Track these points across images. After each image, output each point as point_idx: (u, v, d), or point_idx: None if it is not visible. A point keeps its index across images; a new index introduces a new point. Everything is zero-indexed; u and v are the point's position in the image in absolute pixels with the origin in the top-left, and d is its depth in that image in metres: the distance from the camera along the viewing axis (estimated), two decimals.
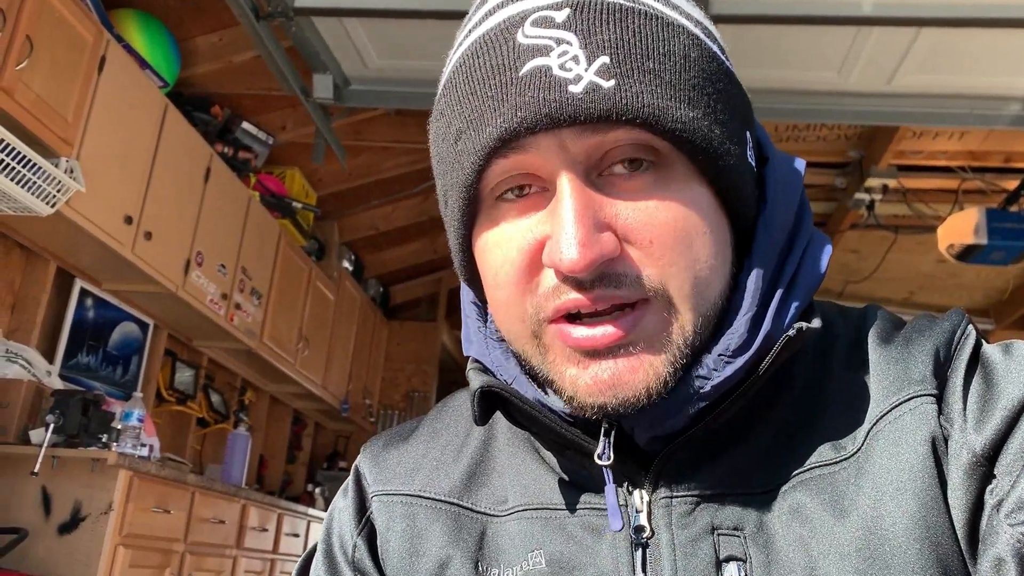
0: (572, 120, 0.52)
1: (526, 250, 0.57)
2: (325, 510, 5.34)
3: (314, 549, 0.73)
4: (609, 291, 0.54)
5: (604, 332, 0.54)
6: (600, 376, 0.55)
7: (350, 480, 0.73)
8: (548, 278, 0.56)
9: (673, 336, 0.55)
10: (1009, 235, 4.35)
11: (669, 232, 0.55)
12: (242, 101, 4.35)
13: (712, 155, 0.56)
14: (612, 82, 0.52)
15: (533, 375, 0.62)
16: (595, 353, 0.55)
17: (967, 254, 4.49)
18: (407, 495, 0.68)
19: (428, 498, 0.67)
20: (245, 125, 4.42)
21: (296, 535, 4.76)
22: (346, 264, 5.98)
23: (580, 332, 0.55)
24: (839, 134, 4.39)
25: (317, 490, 5.89)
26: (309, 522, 4.97)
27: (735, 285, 0.59)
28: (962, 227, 4.42)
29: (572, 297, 0.54)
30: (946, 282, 5.98)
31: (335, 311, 5.73)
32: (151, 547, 3.28)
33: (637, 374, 0.55)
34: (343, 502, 0.72)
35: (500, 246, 0.58)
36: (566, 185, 0.54)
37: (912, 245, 5.28)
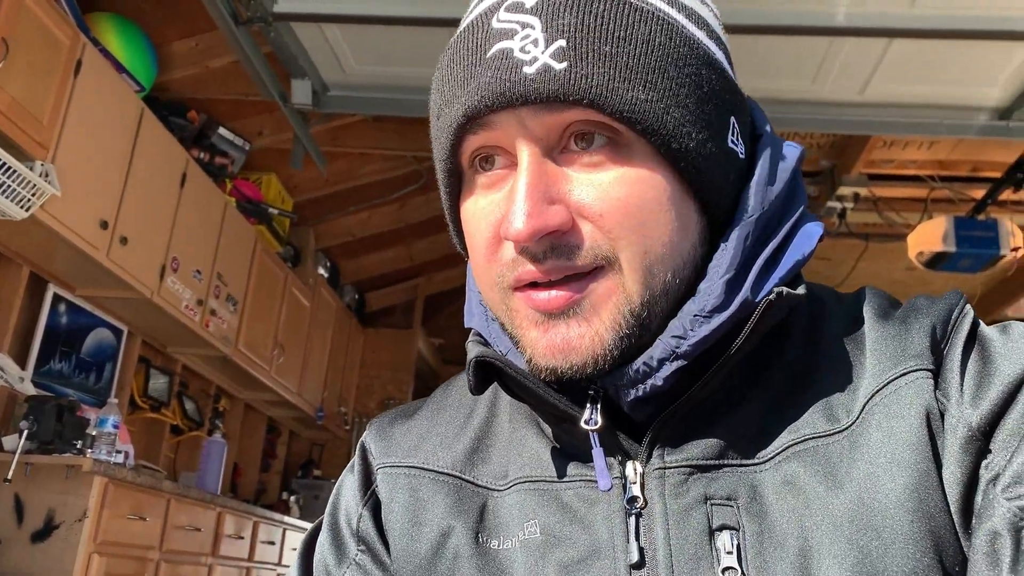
0: (524, 100, 0.56)
1: (492, 223, 0.60)
2: (300, 518, 5.32)
3: (318, 526, 0.74)
4: (561, 262, 0.57)
5: (553, 295, 0.58)
6: (553, 340, 0.58)
7: (356, 456, 0.74)
8: (508, 250, 0.59)
9: (619, 304, 0.57)
10: (977, 243, 4.44)
11: (620, 207, 0.57)
12: (219, 106, 4.33)
13: (665, 137, 0.57)
14: (564, 64, 0.55)
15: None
16: (551, 316, 0.58)
17: (936, 262, 4.58)
18: (410, 467, 0.69)
19: (431, 470, 0.68)
20: (222, 130, 4.40)
21: (272, 543, 4.72)
22: (322, 271, 5.95)
23: (538, 295, 0.58)
24: (811, 143, 4.46)
25: (292, 498, 5.85)
26: (285, 530, 4.93)
27: (709, 259, 0.60)
28: (931, 235, 4.50)
29: (528, 269, 0.58)
30: (916, 289, 6.07)
31: (311, 318, 5.70)
32: (126, 555, 3.24)
33: (584, 340, 0.57)
34: (349, 477, 0.74)
35: (475, 217, 0.62)
36: (524, 160, 0.58)
37: (883, 253, 5.36)
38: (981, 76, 3.10)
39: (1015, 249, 4.44)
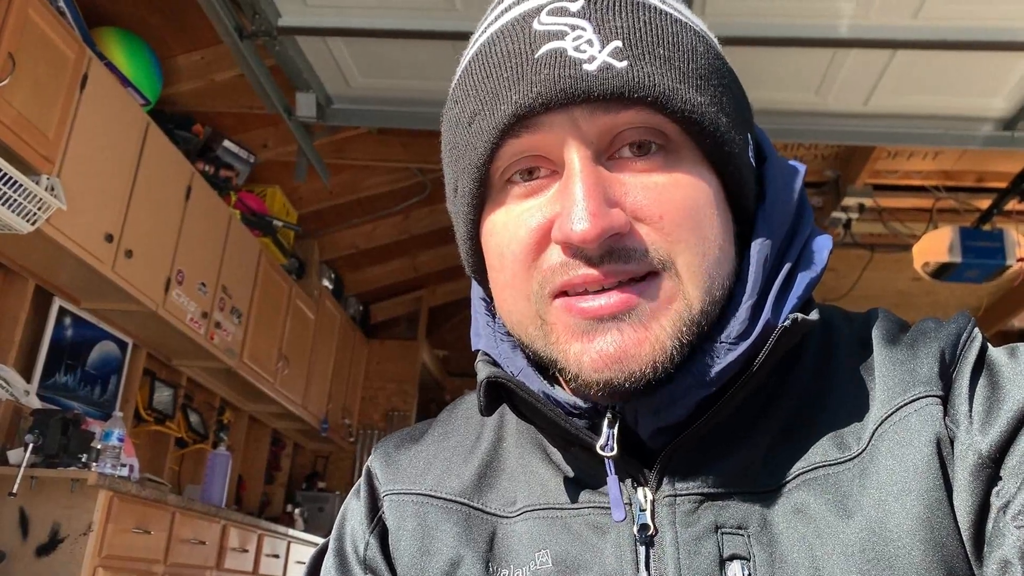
0: (586, 96, 0.54)
1: (534, 228, 0.58)
2: (305, 531, 5.31)
3: (324, 548, 0.73)
4: (618, 266, 0.55)
5: (609, 300, 0.55)
6: (606, 350, 0.55)
7: (362, 480, 0.73)
8: (555, 255, 0.57)
9: (679, 310, 0.56)
10: (982, 253, 4.43)
11: (679, 209, 0.56)
12: (224, 119, 4.34)
13: (719, 140, 0.57)
14: (625, 63, 0.55)
15: (540, 366, 0.63)
16: (600, 324, 0.55)
17: (942, 272, 4.57)
18: (418, 494, 0.68)
19: (439, 497, 0.67)
20: (226, 143, 4.41)
21: (276, 556, 4.71)
22: (326, 282, 5.96)
23: (586, 302, 0.56)
24: (816, 154, 4.46)
25: (296, 510, 5.84)
26: (289, 542, 4.92)
27: (737, 277, 0.60)
28: (937, 246, 4.50)
29: (582, 272, 0.55)
30: (922, 300, 6.06)
31: (315, 330, 5.70)
32: (131, 569, 3.24)
33: (643, 347, 0.55)
34: (355, 502, 0.72)
35: (508, 226, 0.59)
36: (576, 163, 0.56)
37: (888, 263, 5.35)
38: (985, 87, 3.10)
39: (1021, 259, 4.42)
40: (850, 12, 2.77)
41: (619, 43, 0.55)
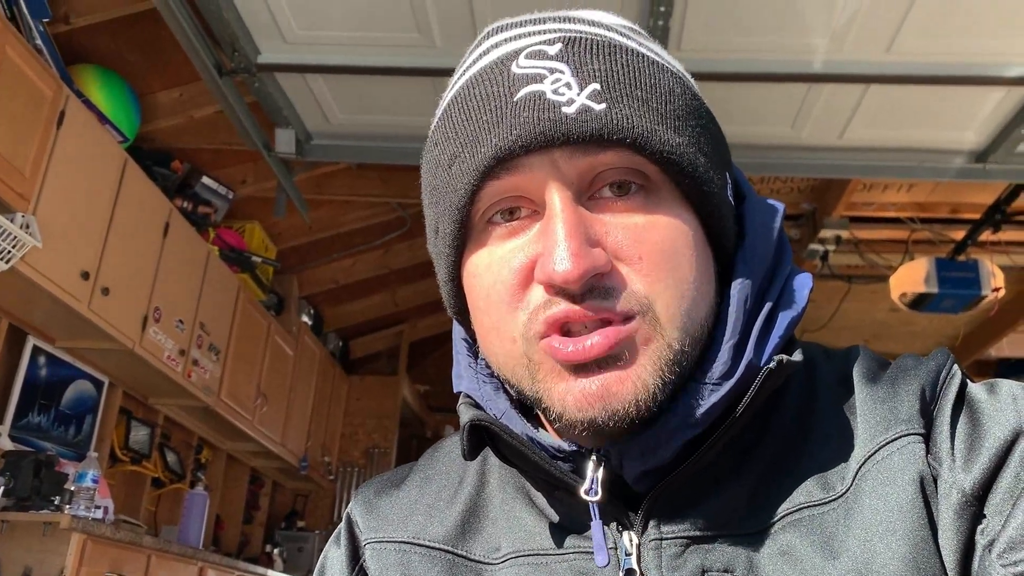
0: (565, 139, 0.54)
1: (517, 269, 0.57)
2: (284, 571, 5.21)
3: None
4: (600, 303, 0.55)
5: (592, 343, 0.55)
6: (589, 388, 0.55)
7: (342, 527, 0.72)
8: (538, 294, 0.57)
9: (660, 351, 0.56)
10: (958, 284, 4.48)
11: (658, 251, 0.56)
12: (202, 155, 4.33)
13: (698, 180, 0.58)
14: (603, 105, 0.55)
15: (523, 408, 0.62)
16: (584, 367, 0.55)
17: (919, 303, 4.61)
18: (401, 542, 0.67)
19: (422, 545, 0.66)
20: (205, 179, 4.40)
21: None
22: (305, 318, 5.92)
23: (569, 346, 0.55)
24: (792, 187, 4.51)
25: (276, 551, 5.75)
26: None
27: (718, 317, 0.59)
28: (913, 277, 4.55)
29: (563, 308, 0.55)
30: (900, 330, 6.11)
31: (294, 366, 5.66)
32: None
33: (626, 385, 0.55)
34: (335, 551, 0.71)
35: (491, 269, 0.59)
36: (557, 203, 0.56)
37: (866, 294, 5.40)
38: (957, 120, 3.15)
39: (996, 289, 4.48)
40: (824, 48, 2.82)
41: (597, 86, 0.56)
